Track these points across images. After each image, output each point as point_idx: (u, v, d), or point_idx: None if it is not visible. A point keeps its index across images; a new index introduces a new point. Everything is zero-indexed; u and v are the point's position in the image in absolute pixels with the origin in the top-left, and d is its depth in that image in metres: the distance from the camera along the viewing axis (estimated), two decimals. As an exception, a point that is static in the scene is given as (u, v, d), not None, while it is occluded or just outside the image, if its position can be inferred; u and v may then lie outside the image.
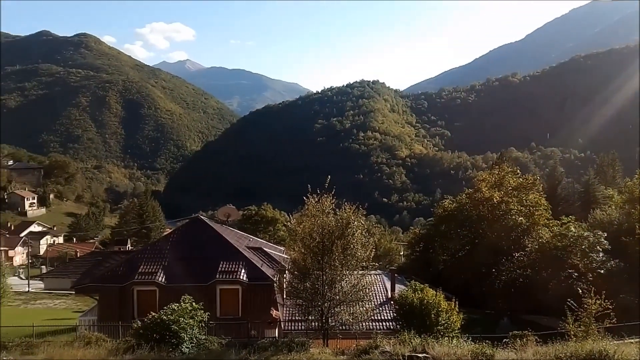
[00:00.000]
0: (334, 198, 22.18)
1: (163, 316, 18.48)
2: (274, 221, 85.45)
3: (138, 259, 27.37)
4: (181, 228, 32.01)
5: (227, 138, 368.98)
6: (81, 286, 27.97)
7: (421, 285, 26.25)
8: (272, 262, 28.58)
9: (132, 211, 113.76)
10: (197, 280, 25.61)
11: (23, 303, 54.23)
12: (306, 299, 21.41)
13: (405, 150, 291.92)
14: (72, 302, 53.16)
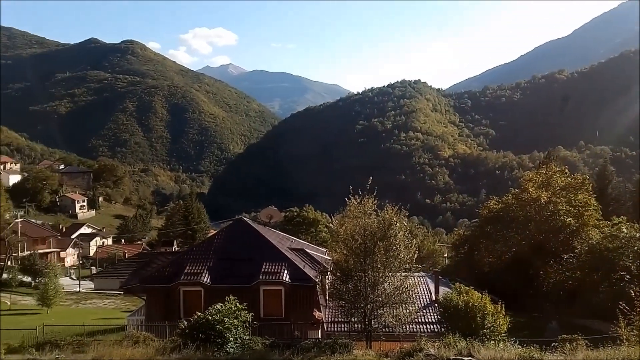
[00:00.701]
0: (376, 199, 22.11)
1: (208, 316, 18.81)
2: (315, 223, 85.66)
3: (184, 260, 27.94)
4: (225, 229, 32.49)
5: (268, 140, 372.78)
6: (129, 286, 28.77)
7: (466, 287, 25.78)
8: (314, 263, 28.66)
9: (178, 213, 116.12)
10: (240, 281, 25.94)
11: (74, 303, 56.13)
12: (349, 301, 21.39)
13: (448, 150, 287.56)
14: (120, 302, 54.70)
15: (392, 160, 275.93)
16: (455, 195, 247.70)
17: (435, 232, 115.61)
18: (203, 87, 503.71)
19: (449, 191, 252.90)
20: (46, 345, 22.96)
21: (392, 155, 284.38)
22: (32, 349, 22.86)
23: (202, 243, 33.61)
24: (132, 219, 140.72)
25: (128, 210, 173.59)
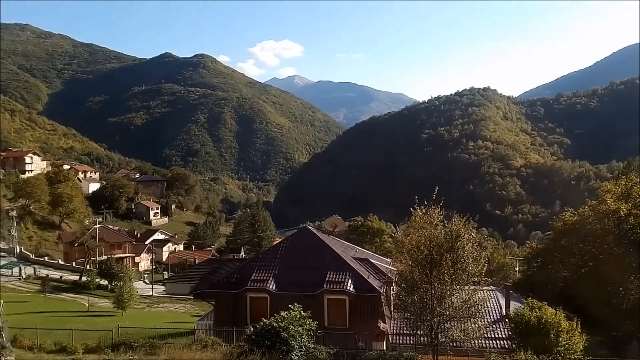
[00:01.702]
0: (443, 210, 21.63)
1: (274, 323, 19.05)
2: (380, 232, 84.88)
3: (251, 267, 28.46)
4: (290, 238, 32.86)
5: (333, 150, 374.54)
6: (199, 292, 29.59)
7: (539, 303, 24.67)
8: (378, 273, 28.39)
9: (245, 221, 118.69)
10: (305, 289, 26.09)
11: (147, 306, 58.38)
12: (414, 313, 20.97)
13: (519, 160, 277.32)
14: (190, 307, 56.33)
15: (460, 170, 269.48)
16: (528, 207, 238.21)
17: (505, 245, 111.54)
18: (270, 98, 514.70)
19: (521, 202, 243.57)
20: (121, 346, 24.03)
21: (460, 165, 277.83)
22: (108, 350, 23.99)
23: (268, 251, 34.12)
24: (202, 226, 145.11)
25: (198, 218, 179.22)
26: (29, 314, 40.80)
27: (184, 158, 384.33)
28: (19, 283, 65.86)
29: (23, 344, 26.58)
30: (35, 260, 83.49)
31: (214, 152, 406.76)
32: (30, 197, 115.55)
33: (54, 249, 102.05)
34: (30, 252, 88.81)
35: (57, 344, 26.76)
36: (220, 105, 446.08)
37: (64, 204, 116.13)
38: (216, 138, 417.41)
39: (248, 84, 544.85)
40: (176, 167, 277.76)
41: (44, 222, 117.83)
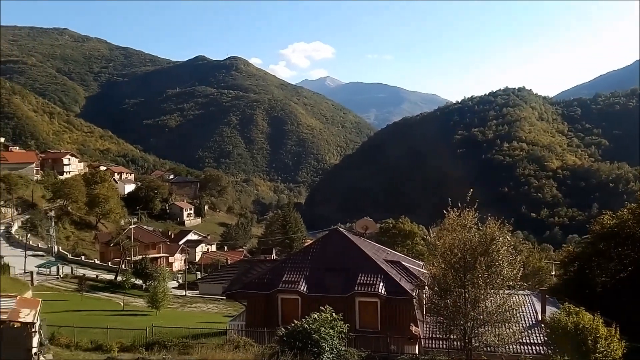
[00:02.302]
0: (477, 212, 21.29)
1: (305, 325, 19.04)
2: (412, 235, 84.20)
3: (282, 268, 28.54)
4: (321, 239, 32.82)
5: (364, 151, 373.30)
6: (231, 292, 29.85)
7: (576, 308, 24.00)
8: (410, 276, 28.10)
9: (277, 222, 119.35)
10: (336, 291, 26.02)
11: (180, 306, 59.20)
12: (447, 317, 20.69)
13: (556, 162, 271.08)
14: (222, 307, 56.86)
15: (494, 172, 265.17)
16: (564, 210, 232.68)
17: (541, 248, 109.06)
18: (301, 99, 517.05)
19: (557, 205, 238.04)
20: (155, 345, 24.41)
21: (494, 166, 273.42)
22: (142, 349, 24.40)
23: (299, 252, 34.16)
24: (235, 227, 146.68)
25: (231, 219, 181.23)
26: (66, 312, 41.79)
27: (216, 159, 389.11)
28: (56, 282, 67.47)
29: (60, 341, 27.28)
30: (73, 259, 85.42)
31: (245, 154, 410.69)
32: (68, 197, 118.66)
33: (91, 248, 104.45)
34: (67, 251, 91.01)
35: (93, 342, 27.38)
36: (252, 107, 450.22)
37: (101, 204, 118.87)
38: (248, 140, 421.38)
39: (280, 85, 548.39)
40: (209, 169, 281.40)
41: (81, 222, 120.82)
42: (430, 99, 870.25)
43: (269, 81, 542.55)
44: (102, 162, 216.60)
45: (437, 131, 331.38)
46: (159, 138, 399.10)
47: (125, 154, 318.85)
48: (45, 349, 24.29)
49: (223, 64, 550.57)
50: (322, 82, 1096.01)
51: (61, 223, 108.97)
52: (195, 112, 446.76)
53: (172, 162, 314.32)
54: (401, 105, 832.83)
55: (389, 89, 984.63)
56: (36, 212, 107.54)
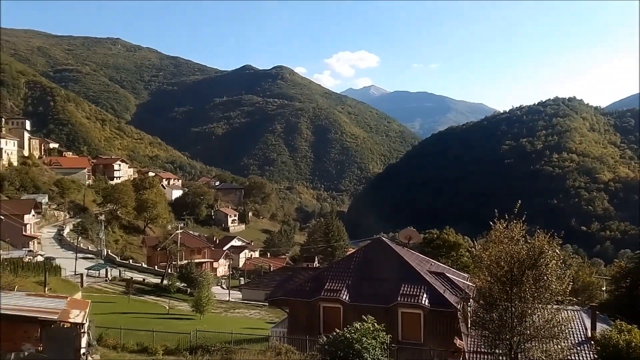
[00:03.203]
0: (525, 224, 20.77)
1: (347, 334, 18.92)
2: (456, 246, 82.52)
3: (324, 276, 28.51)
4: (364, 248, 32.62)
5: (408, 160, 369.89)
6: (273, 299, 30.05)
7: (628, 325, 23.02)
8: (455, 288, 27.56)
9: (319, 230, 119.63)
10: (378, 301, 25.78)
11: (224, 311, 59.89)
12: (493, 331, 20.20)
13: (607, 174, 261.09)
14: (265, 313, 57.23)
15: (543, 183, 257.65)
16: (616, 223, 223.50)
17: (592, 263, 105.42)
18: (345, 108, 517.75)
19: (609, 218, 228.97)
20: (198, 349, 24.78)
21: (543, 178, 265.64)
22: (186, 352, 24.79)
23: (342, 261, 34.06)
24: (277, 234, 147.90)
25: (274, 226, 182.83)
26: (113, 314, 42.99)
27: (261, 167, 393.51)
28: (105, 284, 69.50)
29: (108, 343, 28.06)
30: (121, 262, 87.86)
31: (289, 162, 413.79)
32: (118, 202, 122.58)
33: (138, 252, 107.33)
34: (116, 254, 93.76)
35: (139, 344, 28.05)
36: (296, 116, 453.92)
37: (149, 209, 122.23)
38: (292, 148, 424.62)
39: (324, 94, 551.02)
40: (253, 176, 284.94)
41: (130, 227, 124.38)
42: (477, 108, 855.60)
43: (314, 90, 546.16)
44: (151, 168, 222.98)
45: (483, 141, 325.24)
46: (206, 145, 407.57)
47: (173, 161, 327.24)
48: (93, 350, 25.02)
49: (269, 73, 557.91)
50: (366, 91, 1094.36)
51: (111, 227, 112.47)
52: (241, 120, 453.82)
53: (218, 169, 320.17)
54: (447, 115, 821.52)
55: (434, 98, 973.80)
56: (87, 216, 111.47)
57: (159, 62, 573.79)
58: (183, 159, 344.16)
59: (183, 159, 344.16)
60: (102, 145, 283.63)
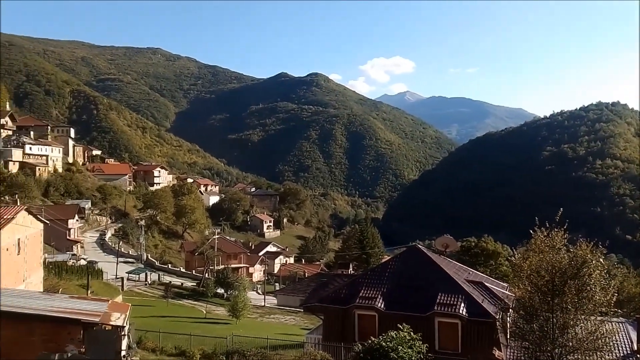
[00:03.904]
0: (566, 233, 20.26)
1: (382, 342, 18.78)
2: (495, 255, 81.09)
3: (359, 284, 28.34)
4: (399, 256, 32.31)
5: (444, 167, 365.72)
6: (308, 305, 30.05)
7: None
8: (493, 298, 26.98)
9: (354, 237, 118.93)
10: (414, 309, 25.46)
11: (259, 316, 60.25)
12: (533, 342, 19.74)
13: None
14: (300, 319, 57.27)
15: (585, 191, 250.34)
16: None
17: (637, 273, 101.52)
18: (380, 114, 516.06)
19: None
20: (234, 354, 24.98)
21: (585, 185, 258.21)
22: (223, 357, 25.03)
23: (377, 268, 33.83)
24: (312, 240, 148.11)
25: (308, 232, 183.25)
26: (152, 317, 43.81)
27: (295, 173, 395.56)
28: (144, 288, 70.87)
29: (147, 346, 28.62)
30: (160, 267, 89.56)
31: (324, 168, 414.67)
32: (158, 207, 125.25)
33: (177, 257, 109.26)
34: (155, 259, 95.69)
35: (177, 347, 28.52)
36: (331, 122, 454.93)
37: (187, 215, 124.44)
38: (327, 154, 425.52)
39: (359, 101, 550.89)
40: (288, 182, 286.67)
41: (169, 232, 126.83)
42: (516, 113, 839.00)
43: (348, 96, 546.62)
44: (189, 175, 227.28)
45: (523, 147, 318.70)
46: (242, 152, 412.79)
47: (211, 167, 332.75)
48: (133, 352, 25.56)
49: (304, 80, 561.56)
50: (401, 97, 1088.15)
51: (150, 232, 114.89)
52: (277, 127, 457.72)
53: (254, 175, 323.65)
54: (485, 120, 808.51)
55: (472, 103, 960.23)
56: (128, 221, 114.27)
57: (198, 71, 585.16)
58: (220, 166, 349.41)
59: (220, 166, 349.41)
60: (143, 152, 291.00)
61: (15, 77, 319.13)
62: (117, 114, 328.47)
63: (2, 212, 26.40)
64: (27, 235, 28.54)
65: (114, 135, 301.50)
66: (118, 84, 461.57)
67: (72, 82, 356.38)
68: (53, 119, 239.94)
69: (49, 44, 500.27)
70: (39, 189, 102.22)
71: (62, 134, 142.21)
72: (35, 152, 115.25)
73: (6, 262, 25.16)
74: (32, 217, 30.33)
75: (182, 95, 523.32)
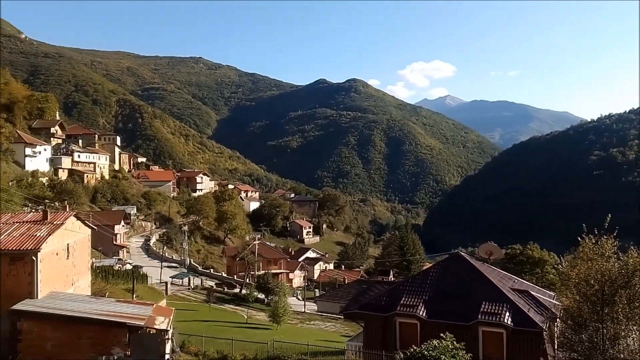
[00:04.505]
0: (616, 240, 19.54)
1: (424, 351, 18.50)
2: (541, 262, 79.06)
3: (400, 291, 28.03)
4: (441, 263, 31.79)
5: (487, 172, 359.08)
6: (348, 312, 29.89)
7: None
8: (540, 307, 26.20)
9: (394, 243, 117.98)
10: (457, 318, 25.00)
11: (300, 322, 60.37)
12: (582, 354, 19.06)
13: None
14: (340, 326, 57.07)
15: (636, 196, 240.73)
16: None
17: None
18: (420, 119, 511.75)
19: None
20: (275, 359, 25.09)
21: (636, 190, 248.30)
22: (264, 361, 25.14)
23: (418, 275, 33.37)
24: (352, 246, 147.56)
25: (347, 238, 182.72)
26: (195, 321, 44.52)
27: (334, 179, 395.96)
28: (188, 292, 72.16)
29: (190, 349, 29.12)
30: (202, 272, 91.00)
31: (363, 174, 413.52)
32: (200, 213, 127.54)
33: (218, 262, 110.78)
34: (198, 264, 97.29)
35: (219, 352, 28.88)
36: (370, 128, 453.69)
37: (228, 220, 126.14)
38: (366, 160, 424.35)
39: (398, 106, 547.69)
40: (327, 188, 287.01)
41: (211, 237, 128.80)
42: (561, 117, 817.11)
43: (387, 102, 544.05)
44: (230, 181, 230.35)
45: (569, 151, 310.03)
46: (281, 158, 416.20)
47: (251, 174, 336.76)
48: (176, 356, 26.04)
49: (342, 86, 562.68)
50: (442, 101, 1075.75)
51: (193, 237, 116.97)
52: (316, 133, 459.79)
53: (293, 181, 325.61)
54: (529, 124, 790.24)
55: (515, 106, 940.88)
56: (172, 226, 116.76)
57: (238, 79, 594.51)
58: (260, 172, 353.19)
59: (260, 172, 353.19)
60: (186, 159, 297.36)
61: (65, 88, 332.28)
62: (161, 122, 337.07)
63: (52, 218, 27.38)
64: (75, 241, 29.48)
65: (158, 143, 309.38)
66: (162, 92, 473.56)
67: (118, 91, 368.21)
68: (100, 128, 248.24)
69: (96, 55, 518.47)
70: (87, 195, 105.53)
71: (108, 142, 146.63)
72: (83, 159, 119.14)
73: (56, 266, 26.09)
74: (81, 223, 31.32)
75: (223, 103, 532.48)
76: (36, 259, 23.60)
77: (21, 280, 23.46)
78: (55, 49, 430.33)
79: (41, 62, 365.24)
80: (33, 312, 21.87)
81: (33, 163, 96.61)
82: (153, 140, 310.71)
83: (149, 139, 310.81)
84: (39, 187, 74.08)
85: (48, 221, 27.01)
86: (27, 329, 21.47)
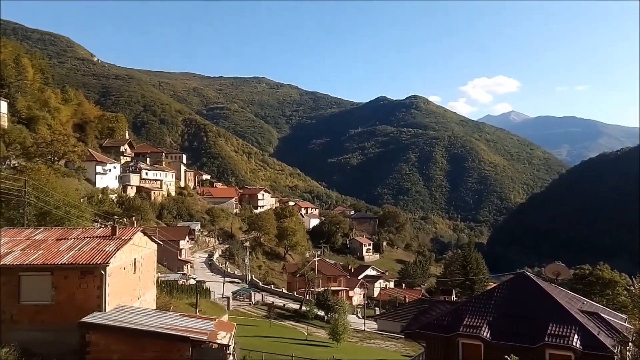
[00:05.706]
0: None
1: (488, 373, 18.14)
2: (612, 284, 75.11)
3: (463, 311, 27.52)
4: (506, 283, 30.97)
5: (554, 189, 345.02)
6: (409, 331, 29.56)
7: None
8: (611, 330, 25.03)
9: (456, 262, 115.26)
10: (522, 340, 24.26)
11: (360, 340, 60.04)
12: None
13: None
14: (401, 346, 56.31)
15: None
16: None
17: None
18: (483, 136, 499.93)
19: None
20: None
21: None
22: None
23: (482, 295, 32.61)
24: (412, 264, 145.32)
25: (408, 256, 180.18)
26: (256, 337, 45.20)
27: (395, 196, 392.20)
28: (249, 308, 73.23)
29: (251, 365, 29.60)
30: (263, 287, 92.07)
31: (424, 191, 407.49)
32: (261, 229, 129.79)
33: (279, 278, 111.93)
34: (259, 279, 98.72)
35: (280, 367, 29.24)
36: (431, 145, 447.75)
37: (289, 237, 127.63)
38: (426, 177, 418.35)
39: (460, 122, 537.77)
40: (387, 205, 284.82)
41: (271, 253, 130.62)
42: (633, 132, 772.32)
43: (449, 118, 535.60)
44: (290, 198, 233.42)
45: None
46: (341, 175, 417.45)
47: (311, 191, 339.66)
48: (239, 369, 26.57)
49: (403, 103, 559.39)
50: (506, 117, 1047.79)
51: (254, 253, 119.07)
52: (376, 150, 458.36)
53: (353, 198, 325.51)
54: (598, 140, 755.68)
55: (583, 122, 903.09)
56: (234, 242, 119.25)
57: (299, 97, 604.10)
58: (320, 189, 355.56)
59: (320, 189, 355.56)
60: (248, 177, 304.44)
61: (134, 108, 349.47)
62: (225, 141, 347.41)
63: (120, 234, 28.68)
64: (142, 255, 30.59)
65: (222, 161, 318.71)
66: (226, 112, 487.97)
67: (184, 111, 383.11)
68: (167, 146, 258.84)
69: (163, 76, 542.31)
70: (154, 211, 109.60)
71: (175, 160, 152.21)
72: (150, 177, 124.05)
73: (123, 280, 27.24)
74: (147, 238, 32.52)
75: (284, 121, 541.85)
76: (105, 273, 24.42)
77: (90, 293, 24.32)
78: (126, 71, 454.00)
79: (112, 84, 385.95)
80: (101, 325, 22.56)
81: (103, 180, 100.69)
82: (217, 158, 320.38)
83: (213, 157, 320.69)
84: (109, 204, 77.63)
85: (116, 236, 28.07)
86: (95, 341, 22.09)
